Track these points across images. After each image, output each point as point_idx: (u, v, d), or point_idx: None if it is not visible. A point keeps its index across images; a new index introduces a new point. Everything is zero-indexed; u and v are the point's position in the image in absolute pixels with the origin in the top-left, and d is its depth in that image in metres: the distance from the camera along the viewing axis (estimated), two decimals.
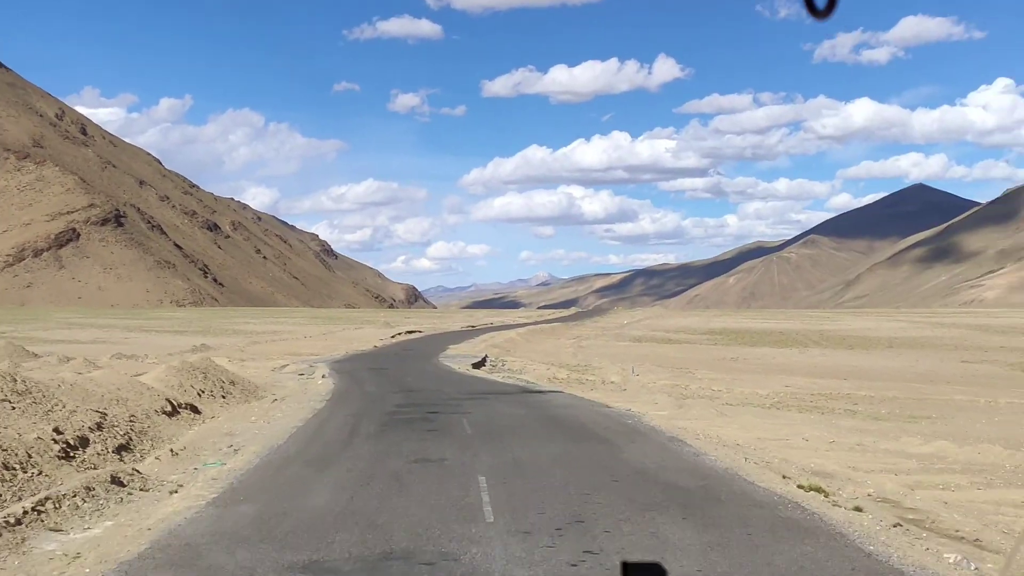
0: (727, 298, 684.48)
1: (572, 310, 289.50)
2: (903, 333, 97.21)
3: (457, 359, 55.31)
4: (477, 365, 52.03)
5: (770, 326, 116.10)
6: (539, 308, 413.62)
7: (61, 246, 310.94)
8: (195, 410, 24.95)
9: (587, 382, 48.26)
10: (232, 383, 30.08)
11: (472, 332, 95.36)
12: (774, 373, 56.08)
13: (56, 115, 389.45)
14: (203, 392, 27.34)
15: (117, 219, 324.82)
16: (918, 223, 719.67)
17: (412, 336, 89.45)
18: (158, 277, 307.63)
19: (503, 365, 56.86)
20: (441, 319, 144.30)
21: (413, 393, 33.89)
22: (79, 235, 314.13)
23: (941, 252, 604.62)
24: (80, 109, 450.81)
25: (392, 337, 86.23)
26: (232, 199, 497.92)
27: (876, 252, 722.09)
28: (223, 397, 28.07)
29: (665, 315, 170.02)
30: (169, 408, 23.30)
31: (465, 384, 40.11)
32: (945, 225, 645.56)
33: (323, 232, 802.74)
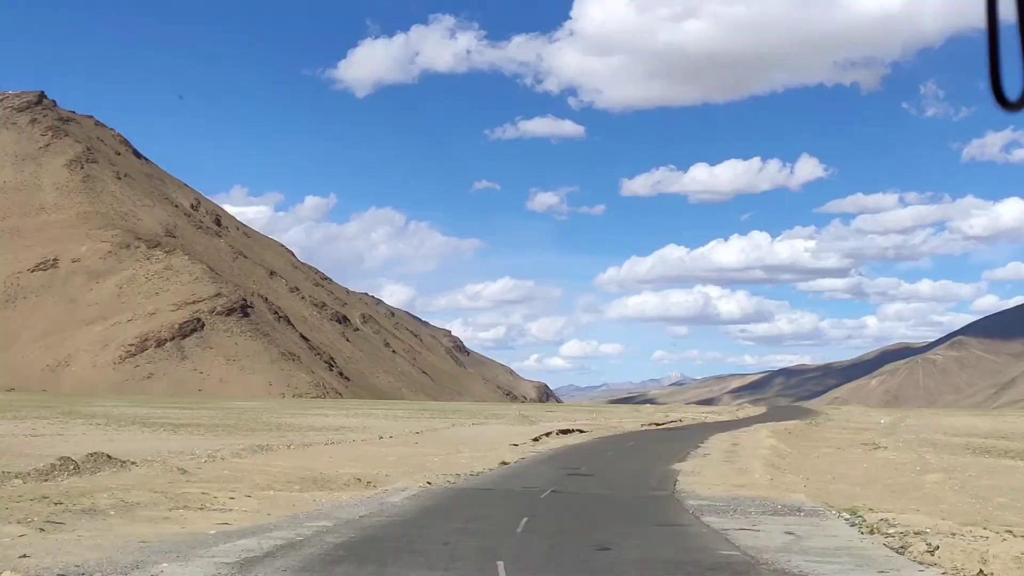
0: (869, 400, 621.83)
1: (762, 408, 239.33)
2: None
3: (801, 542, 14.73)
4: None
5: None
6: (685, 405, 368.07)
7: (185, 336, 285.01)
8: None
9: None
10: None
11: (669, 433, 54.17)
12: None
13: (191, 205, 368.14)
14: None
15: (243, 309, 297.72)
16: None
17: (572, 439, 48.70)
18: (281, 369, 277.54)
19: (915, 555, 15.81)
20: (599, 415, 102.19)
21: None
22: (203, 325, 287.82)
23: None
24: (228, 208, 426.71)
25: (536, 440, 46.05)
26: (366, 294, 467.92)
27: None
28: None
29: (924, 414, 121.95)
30: None
31: None
32: None
33: (457, 329, 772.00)
